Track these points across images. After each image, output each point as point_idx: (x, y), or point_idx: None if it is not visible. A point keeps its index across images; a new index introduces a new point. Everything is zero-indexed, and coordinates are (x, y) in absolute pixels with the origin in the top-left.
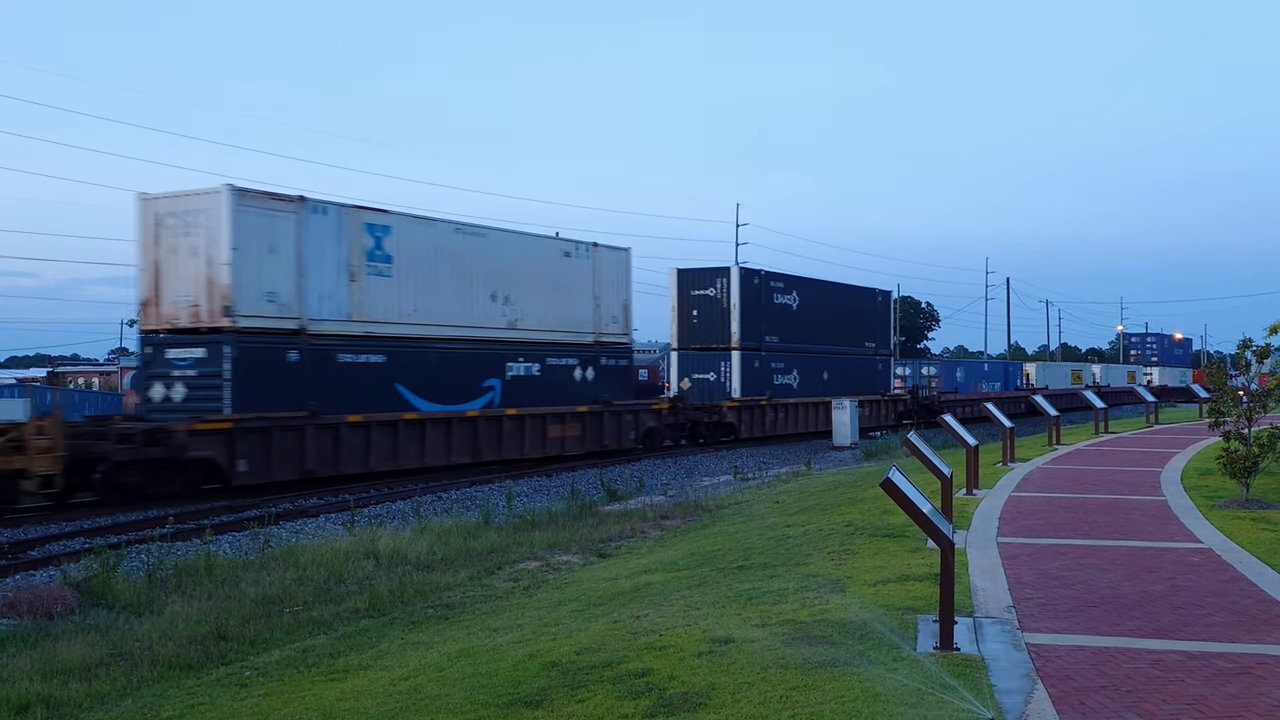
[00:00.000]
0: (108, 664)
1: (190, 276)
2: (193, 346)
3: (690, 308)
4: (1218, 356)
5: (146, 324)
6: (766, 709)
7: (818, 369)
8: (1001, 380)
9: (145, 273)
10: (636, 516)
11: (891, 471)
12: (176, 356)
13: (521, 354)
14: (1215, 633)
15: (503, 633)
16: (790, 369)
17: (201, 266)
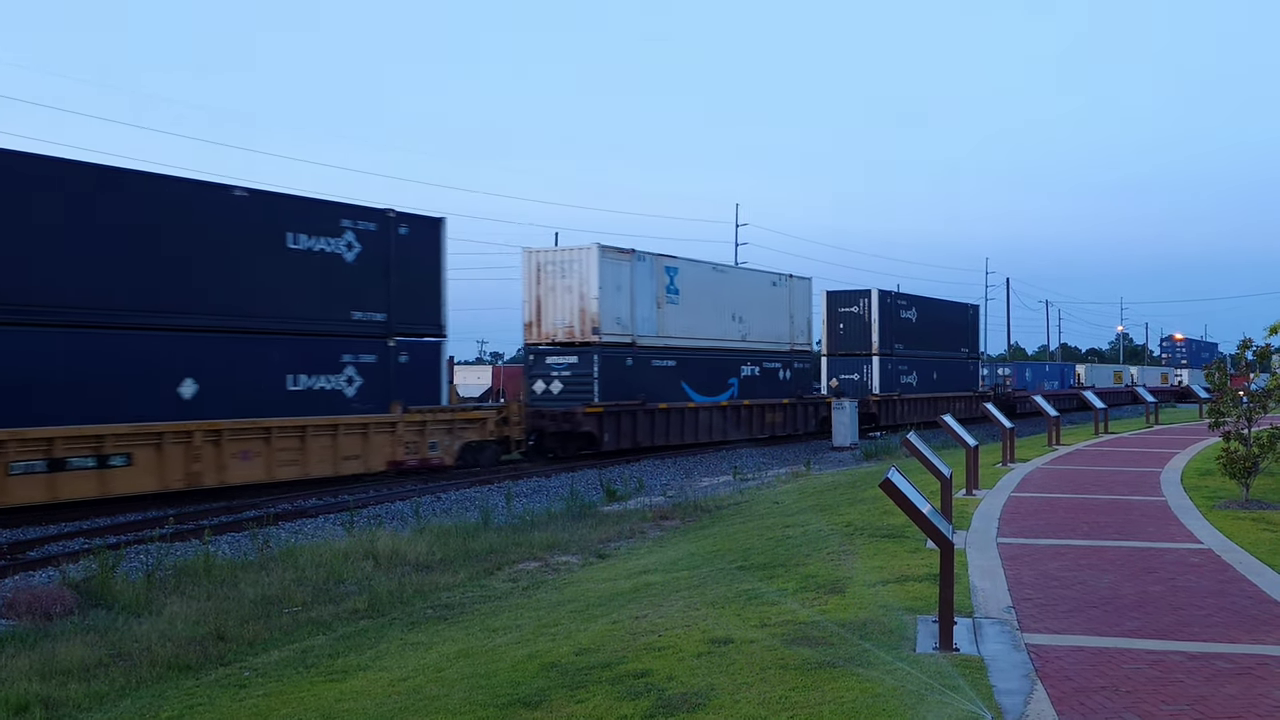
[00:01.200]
0: (107, 665)
1: (566, 306)
2: (567, 355)
3: (838, 321)
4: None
5: (530, 339)
6: (766, 710)
7: (929, 370)
8: (1059, 379)
9: (529, 304)
10: (636, 517)
11: (891, 472)
12: (555, 362)
13: (749, 360)
14: (1215, 633)
15: (502, 633)
16: (911, 370)
17: (575, 300)
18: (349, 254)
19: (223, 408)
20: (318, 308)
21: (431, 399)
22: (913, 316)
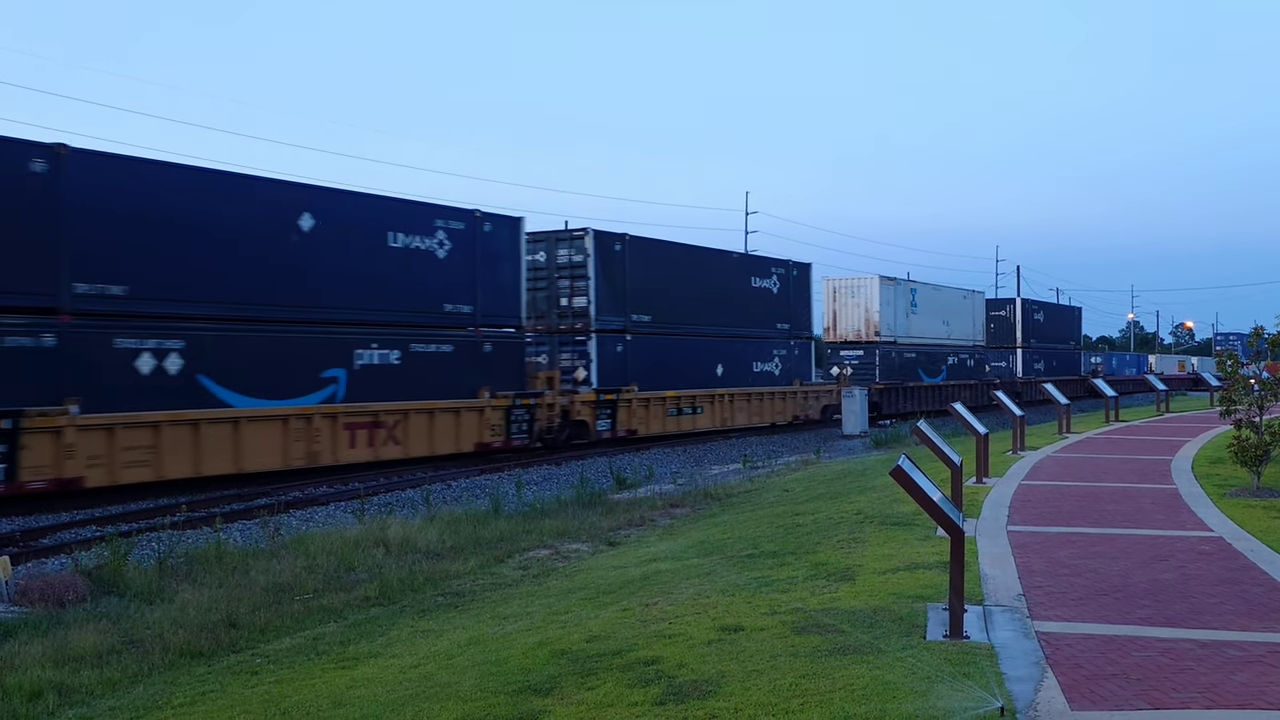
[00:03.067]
0: (119, 651)
1: (855, 317)
2: (855, 350)
3: (989, 323)
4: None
5: (828, 339)
6: (776, 697)
7: (1052, 359)
8: (1135, 366)
9: (827, 314)
10: (646, 505)
11: (901, 460)
12: (847, 354)
13: (952, 353)
14: (1226, 621)
15: (512, 621)
16: (1040, 359)
17: (861, 312)
18: (443, 252)
19: None
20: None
21: (516, 385)
22: (1041, 318)
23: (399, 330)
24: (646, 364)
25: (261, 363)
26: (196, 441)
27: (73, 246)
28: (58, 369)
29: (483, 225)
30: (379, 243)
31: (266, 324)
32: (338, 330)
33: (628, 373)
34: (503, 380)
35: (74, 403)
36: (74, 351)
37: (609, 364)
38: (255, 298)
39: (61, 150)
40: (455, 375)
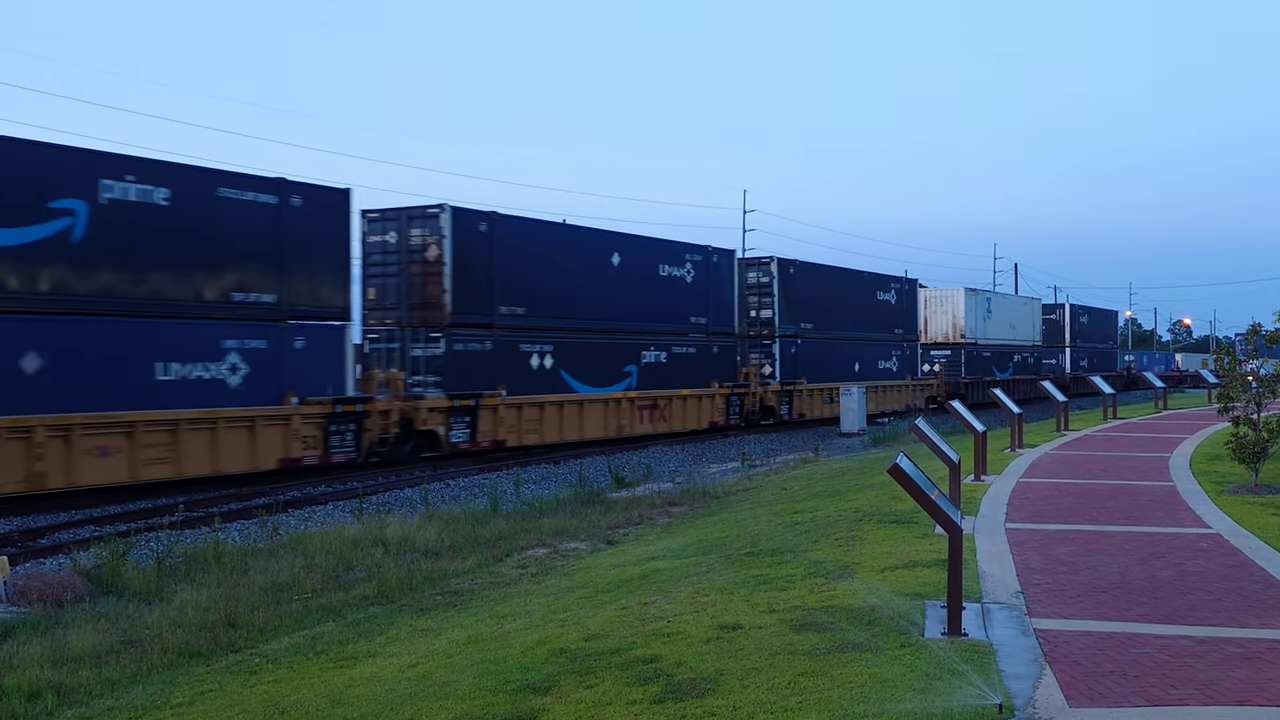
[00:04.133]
0: (118, 651)
1: (943, 323)
2: (944, 349)
3: (1044, 326)
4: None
5: (920, 340)
6: (774, 694)
7: (1093, 356)
8: (1164, 364)
9: (920, 319)
10: (644, 503)
11: (899, 457)
12: (937, 353)
13: (1016, 352)
14: (1224, 618)
15: (511, 620)
16: (1084, 356)
17: (950, 319)
18: (693, 279)
19: None
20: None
21: (731, 378)
22: (1085, 320)
23: (665, 336)
24: (811, 362)
25: (592, 361)
26: (562, 416)
27: (499, 281)
28: (492, 366)
29: (712, 257)
30: (654, 273)
31: (594, 333)
32: (631, 337)
33: (798, 369)
34: (723, 374)
35: (503, 389)
36: (500, 354)
37: (786, 362)
38: (588, 314)
39: (494, 216)
40: (697, 370)
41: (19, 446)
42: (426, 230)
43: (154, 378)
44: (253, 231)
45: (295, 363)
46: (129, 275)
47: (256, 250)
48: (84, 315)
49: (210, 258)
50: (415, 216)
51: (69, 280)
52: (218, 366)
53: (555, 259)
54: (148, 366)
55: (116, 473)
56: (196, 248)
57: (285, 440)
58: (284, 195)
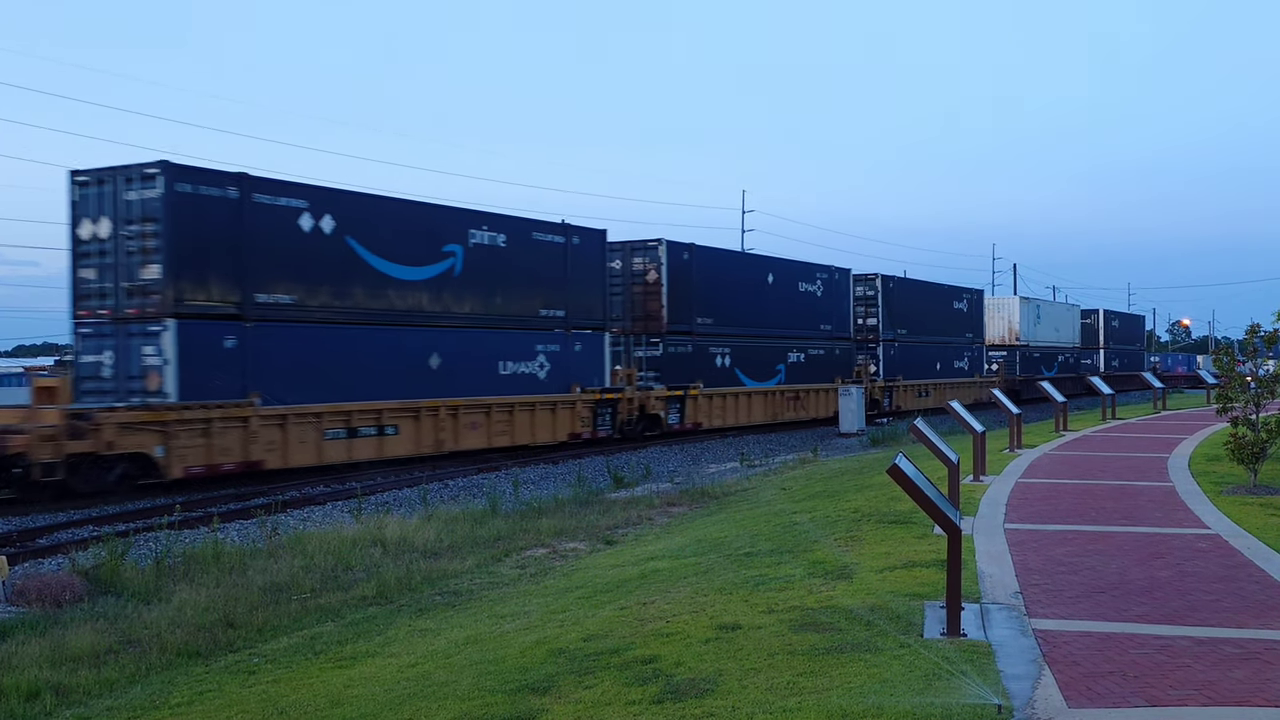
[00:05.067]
0: (116, 651)
1: (1001, 327)
2: (1001, 351)
3: (1082, 329)
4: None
5: (984, 341)
6: (773, 695)
7: (1124, 357)
8: (1185, 365)
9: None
10: (643, 503)
11: (898, 458)
12: (994, 354)
13: (1060, 353)
14: (1223, 618)
15: (510, 620)
16: (1116, 357)
17: (1005, 323)
18: (822, 293)
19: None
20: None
21: (849, 374)
22: (1117, 324)
23: (803, 340)
24: (905, 362)
25: (756, 361)
26: (737, 404)
27: (701, 299)
28: (692, 364)
29: (834, 275)
30: (795, 289)
31: (757, 338)
32: (781, 341)
33: (896, 368)
34: (843, 372)
35: (700, 382)
36: (697, 355)
37: (888, 363)
38: (753, 323)
39: (692, 246)
40: (825, 368)
41: (430, 421)
42: (646, 258)
43: (499, 373)
44: (551, 264)
45: (576, 362)
46: (485, 298)
47: (553, 278)
48: (462, 328)
49: (529, 284)
50: (637, 248)
51: (453, 303)
52: (532, 364)
53: (731, 279)
54: (495, 365)
55: (480, 441)
56: (521, 277)
57: (571, 419)
58: (568, 236)
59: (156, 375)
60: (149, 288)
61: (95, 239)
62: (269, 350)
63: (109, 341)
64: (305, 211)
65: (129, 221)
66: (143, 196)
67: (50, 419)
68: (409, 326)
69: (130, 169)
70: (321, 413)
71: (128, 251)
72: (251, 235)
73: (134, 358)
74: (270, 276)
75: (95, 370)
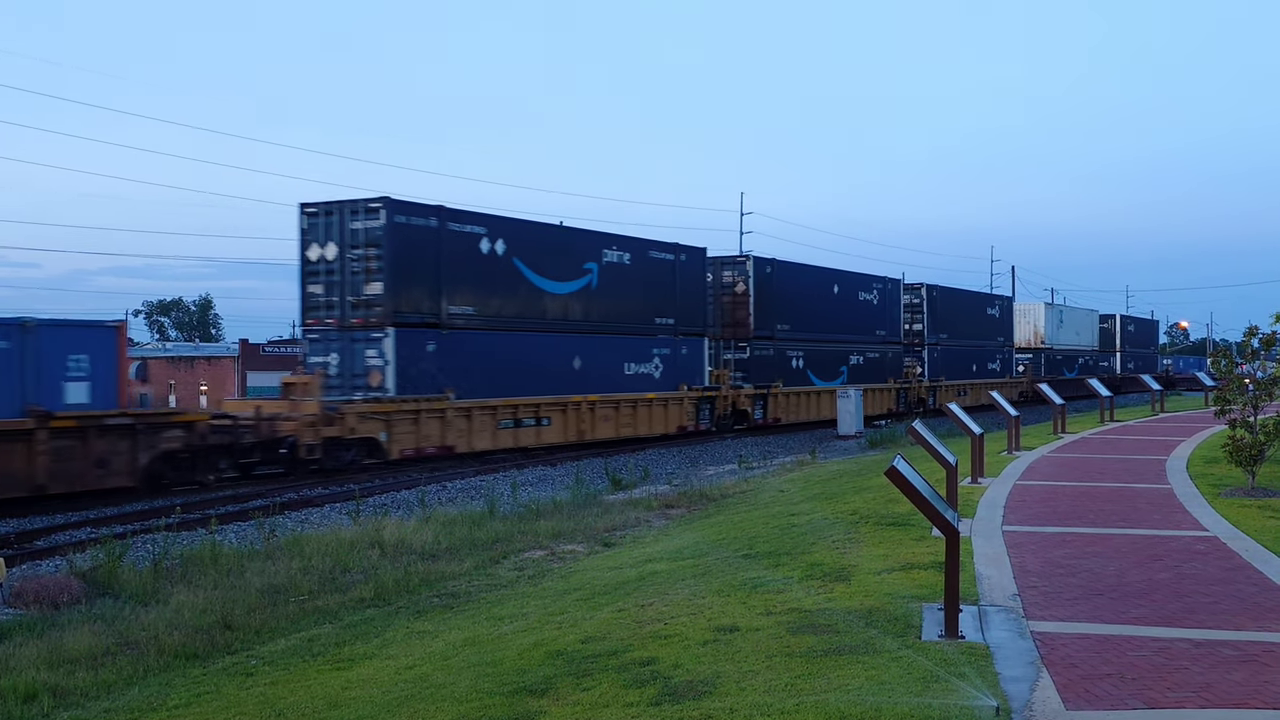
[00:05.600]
0: (114, 653)
1: (1027, 331)
2: (1027, 354)
3: (1100, 333)
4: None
5: (1014, 344)
6: (772, 697)
7: (1139, 359)
8: (1198, 367)
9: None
10: (641, 505)
11: (896, 460)
12: (1020, 356)
13: (1080, 356)
14: (1221, 620)
15: (508, 622)
16: (1131, 360)
17: (1031, 328)
18: (878, 301)
19: None
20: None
21: (899, 375)
22: (1132, 329)
23: (862, 344)
24: (946, 364)
25: (824, 363)
26: (808, 402)
27: (780, 308)
28: (773, 366)
29: (887, 285)
30: (855, 298)
31: (825, 342)
32: (845, 345)
33: (938, 369)
34: (894, 373)
35: (780, 382)
36: (777, 357)
37: (931, 364)
38: (822, 329)
39: (774, 261)
40: (879, 370)
41: (574, 413)
42: (735, 272)
43: (624, 373)
44: (663, 278)
45: (683, 364)
46: (614, 309)
47: (665, 290)
48: (597, 334)
49: (647, 296)
50: (727, 263)
51: (591, 312)
52: (649, 366)
53: (804, 290)
54: (621, 366)
55: (610, 431)
56: (641, 290)
57: (680, 414)
58: (677, 254)
59: (378, 374)
60: (372, 301)
61: (323, 260)
62: (457, 353)
63: (335, 346)
64: (484, 236)
65: (354, 246)
66: (366, 226)
67: (310, 409)
68: (558, 333)
69: (355, 203)
70: (496, 406)
71: (353, 271)
72: (446, 257)
73: (358, 359)
74: (459, 291)
75: (322, 369)
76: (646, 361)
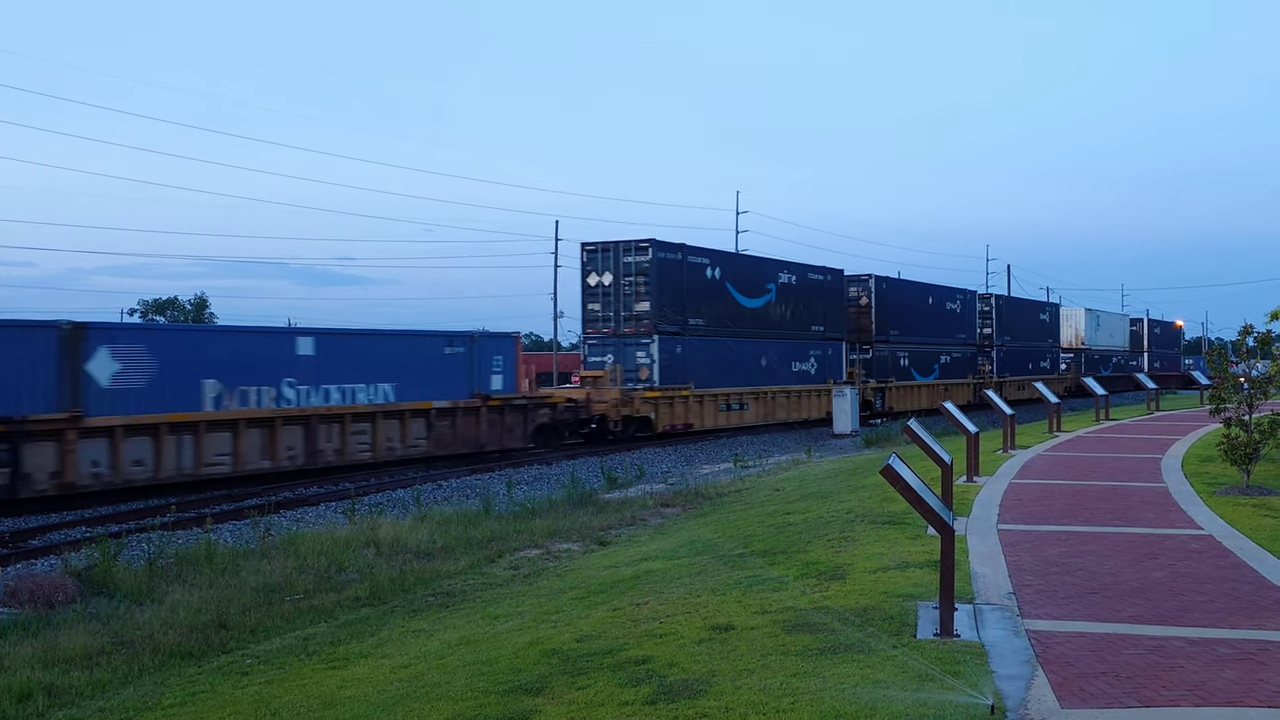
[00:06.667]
0: (109, 652)
1: (1069, 334)
2: (1069, 354)
3: (1130, 335)
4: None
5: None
6: (767, 696)
7: (1164, 359)
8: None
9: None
10: (637, 504)
11: (892, 459)
12: (1064, 356)
13: (1114, 356)
14: (1216, 619)
15: (503, 620)
16: (1157, 360)
17: (1073, 331)
18: (960, 310)
19: None
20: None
21: (975, 372)
22: (1159, 331)
23: (949, 346)
24: (1011, 362)
25: (923, 362)
26: (912, 394)
27: (891, 317)
28: (887, 365)
29: (966, 295)
30: (944, 307)
31: (924, 345)
32: (937, 347)
33: (1004, 367)
34: (971, 371)
35: (893, 378)
36: (890, 358)
37: (999, 363)
38: (921, 333)
39: (887, 278)
40: (960, 368)
41: (763, 401)
42: (860, 287)
43: (792, 370)
44: (815, 293)
45: (829, 362)
46: (786, 319)
47: (816, 304)
48: (775, 339)
49: (806, 308)
50: (853, 280)
51: (771, 323)
52: (807, 364)
53: (908, 301)
54: (790, 364)
55: (784, 415)
56: (802, 304)
57: (823, 404)
58: (825, 274)
59: (647, 369)
60: (641, 316)
61: (600, 286)
62: (694, 354)
63: (610, 349)
64: (708, 265)
65: (627, 275)
66: (637, 260)
67: (614, 395)
68: (752, 339)
69: (628, 243)
70: (718, 394)
71: (625, 294)
72: (686, 282)
73: (630, 359)
74: (694, 307)
75: (599, 367)
76: (805, 361)
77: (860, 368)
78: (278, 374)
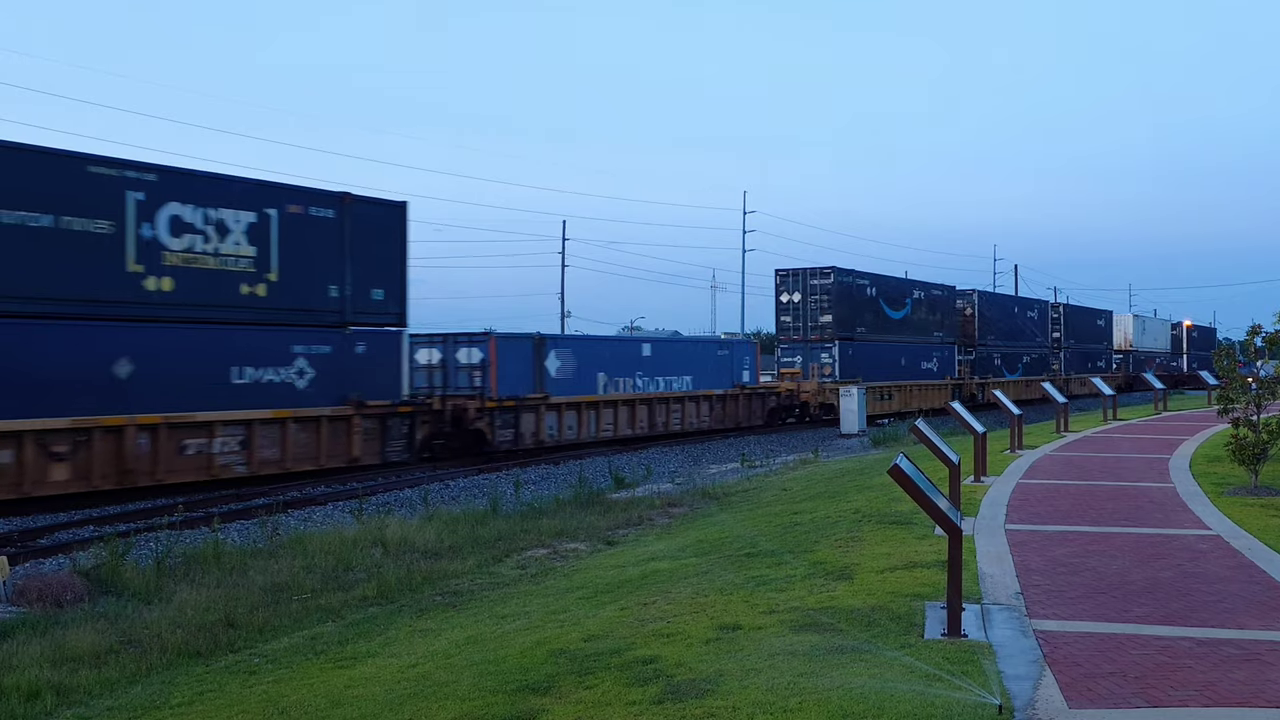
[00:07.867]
0: (117, 651)
1: (1119, 337)
2: (1119, 355)
3: (1171, 339)
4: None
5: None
6: (774, 695)
7: (1200, 360)
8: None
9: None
10: (644, 504)
11: (899, 459)
12: (1115, 358)
13: (1156, 357)
14: (1224, 619)
15: (510, 620)
16: (1195, 361)
17: (1122, 334)
18: (1036, 317)
19: None
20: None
21: (1048, 371)
22: (1195, 334)
23: (1028, 349)
24: (1075, 362)
25: (1010, 362)
26: (1005, 389)
27: (987, 324)
28: (985, 364)
29: (1040, 304)
30: (1025, 315)
31: (1011, 347)
32: (1019, 349)
33: (1070, 367)
34: (1045, 370)
35: (990, 375)
36: (987, 359)
37: (1066, 363)
38: (1008, 338)
39: (984, 292)
40: (1037, 367)
41: (904, 392)
42: (965, 300)
43: (919, 368)
44: (935, 305)
45: (945, 361)
46: (918, 327)
47: (937, 313)
48: (909, 343)
49: (929, 317)
50: (959, 294)
51: (908, 330)
52: (931, 363)
53: (999, 310)
54: (918, 363)
55: (916, 404)
56: (928, 313)
57: (945, 395)
58: (942, 290)
59: (830, 368)
60: (824, 326)
61: (791, 303)
62: (859, 355)
63: (799, 352)
64: (867, 285)
65: (812, 294)
66: (822, 283)
67: (814, 387)
68: (894, 343)
69: (814, 269)
70: (878, 386)
71: (810, 308)
72: (855, 299)
73: (816, 359)
74: (857, 318)
75: (791, 365)
76: (930, 360)
77: (966, 366)
78: (633, 369)
